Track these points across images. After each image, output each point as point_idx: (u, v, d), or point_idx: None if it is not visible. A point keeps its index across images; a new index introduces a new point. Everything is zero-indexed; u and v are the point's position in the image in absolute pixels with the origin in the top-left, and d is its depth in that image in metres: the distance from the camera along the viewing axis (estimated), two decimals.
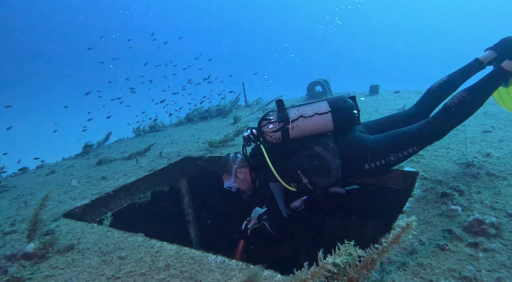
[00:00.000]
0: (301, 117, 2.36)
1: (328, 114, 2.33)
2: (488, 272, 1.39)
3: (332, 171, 2.35)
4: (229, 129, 5.70)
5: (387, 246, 1.19)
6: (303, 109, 2.41)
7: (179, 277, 1.69)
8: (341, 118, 2.34)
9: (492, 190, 2.14)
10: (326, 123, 2.34)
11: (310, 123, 2.35)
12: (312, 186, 2.40)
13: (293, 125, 2.35)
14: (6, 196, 3.96)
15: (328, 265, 1.09)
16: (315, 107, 2.39)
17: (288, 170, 2.41)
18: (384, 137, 2.37)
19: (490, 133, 3.39)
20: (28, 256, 2.08)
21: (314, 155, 2.38)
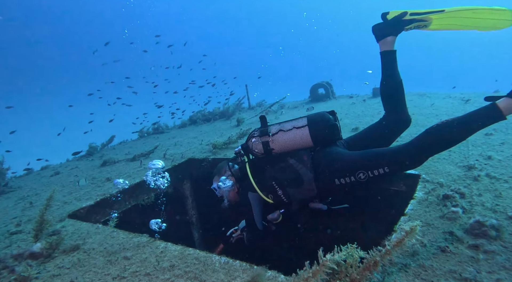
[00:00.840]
0: (280, 131, 2.45)
1: (305, 128, 2.38)
2: (488, 273, 1.41)
3: (305, 184, 2.37)
4: (233, 131, 5.74)
5: (390, 249, 1.21)
6: (283, 124, 2.50)
7: (183, 277, 1.71)
8: (318, 132, 2.37)
9: (493, 193, 2.16)
10: (304, 137, 2.39)
11: (289, 137, 2.41)
12: (286, 198, 2.45)
13: (273, 139, 2.43)
14: (12, 196, 4.01)
15: (328, 262, 1.12)
16: (294, 122, 2.47)
17: (265, 181, 2.49)
18: (359, 153, 2.36)
19: (492, 136, 3.40)
20: (35, 255, 2.12)
21: (287, 167, 2.43)
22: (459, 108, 5.08)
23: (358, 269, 1.21)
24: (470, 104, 5.25)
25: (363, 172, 2.20)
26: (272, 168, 2.49)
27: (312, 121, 2.39)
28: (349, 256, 1.20)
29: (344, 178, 2.27)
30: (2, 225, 2.90)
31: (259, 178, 2.51)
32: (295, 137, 2.39)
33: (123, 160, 4.93)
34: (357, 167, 2.23)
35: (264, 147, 2.46)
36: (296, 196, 2.43)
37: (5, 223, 2.96)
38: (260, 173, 2.53)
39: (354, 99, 7.78)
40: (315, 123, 2.38)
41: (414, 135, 3.76)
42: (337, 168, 2.30)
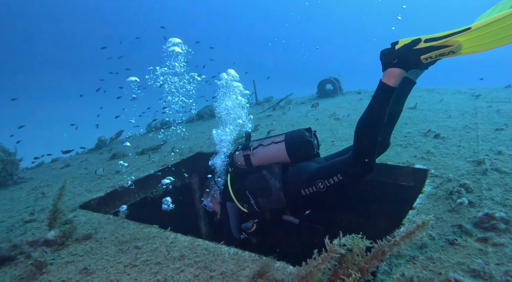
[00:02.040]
0: (260, 145, 2.62)
1: (282, 143, 2.51)
2: (497, 265, 1.42)
3: (273, 194, 2.48)
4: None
5: (398, 240, 1.23)
6: (264, 139, 2.67)
7: (193, 267, 1.75)
8: (294, 148, 2.48)
9: (503, 187, 2.15)
10: (280, 151, 2.51)
11: (267, 151, 2.56)
12: (258, 207, 2.58)
13: (254, 153, 2.61)
14: (24, 187, 4.11)
15: (335, 247, 1.14)
16: (274, 138, 2.62)
17: (241, 190, 2.64)
18: (320, 165, 2.45)
19: (502, 131, 3.37)
20: (49, 243, 2.18)
21: (259, 177, 2.57)
22: (468, 103, 5.02)
23: (366, 258, 1.23)
24: (480, 100, 5.19)
25: (321, 181, 2.29)
26: (247, 178, 2.65)
27: (288, 137, 2.53)
28: (355, 245, 1.23)
29: (308, 188, 2.37)
30: (17, 214, 2.98)
31: (236, 188, 2.67)
32: (273, 151, 2.54)
33: (132, 153, 4.99)
34: (316, 177, 2.33)
35: (245, 160, 2.64)
36: (267, 205, 2.55)
37: (19, 212, 3.03)
38: (238, 184, 2.69)
39: (362, 95, 7.73)
40: (291, 139, 2.51)
41: (424, 130, 3.78)
42: (302, 179, 2.41)
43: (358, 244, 1.22)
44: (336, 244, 1.19)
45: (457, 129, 3.70)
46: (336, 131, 4.43)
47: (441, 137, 3.45)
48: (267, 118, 6.56)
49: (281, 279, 1.53)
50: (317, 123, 5.16)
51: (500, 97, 5.26)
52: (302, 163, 2.53)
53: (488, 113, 4.26)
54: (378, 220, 3.32)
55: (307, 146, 2.48)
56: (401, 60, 1.78)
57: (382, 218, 3.30)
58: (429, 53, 1.68)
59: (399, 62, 1.79)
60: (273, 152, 2.54)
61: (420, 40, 1.69)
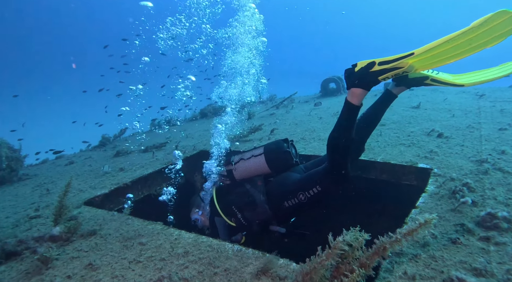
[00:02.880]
0: (241, 160, 2.73)
1: (261, 156, 2.63)
2: (499, 264, 1.43)
3: (258, 207, 2.57)
4: (243, 125, 5.78)
5: (400, 238, 1.24)
6: (244, 153, 2.77)
7: (197, 263, 1.77)
8: (273, 160, 2.60)
9: (506, 187, 2.15)
10: (261, 165, 2.62)
11: (248, 164, 2.67)
12: (245, 221, 2.66)
13: (235, 167, 2.72)
14: (29, 183, 4.14)
15: (339, 243, 1.15)
16: (253, 151, 2.73)
17: (226, 205, 2.73)
18: (300, 177, 2.53)
19: (506, 131, 3.36)
20: (54, 238, 2.21)
21: (243, 192, 2.67)
22: (472, 103, 5.01)
23: (367, 254, 1.24)
24: (484, 99, 5.17)
25: (302, 193, 2.39)
26: (232, 193, 2.76)
27: (267, 150, 2.64)
28: (354, 239, 1.24)
29: (290, 200, 2.46)
30: (22, 210, 3.01)
31: (223, 203, 2.76)
32: (254, 165, 2.65)
33: (136, 151, 5.02)
34: (298, 189, 2.41)
35: (228, 175, 2.77)
36: (254, 218, 2.63)
37: (24, 208, 3.07)
38: (224, 199, 2.79)
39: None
40: (270, 151, 2.62)
41: (427, 129, 3.77)
42: (284, 191, 2.50)
43: (357, 237, 1.24)
44: (339, 241, 1.20)
45: (460, 129, 3.69)
46: None
47: (445, 136, 3.45)
48: (271, 116, 6.56)
49: (284, 276, 1.55)
50: (320, 121, 5.16)
51: (504, 96, 5.24)
52: (283, 174, 2.64)
53: (491, 112, 4.25)
54: (380, 219, 3.33)
55: (286, 157, 2.60)
56: (361, 81, 1.91)
57: (385, 217, 3.31)
58: (384, 75, 1.83)
59: (359, 83, 1.92)
60: (255, 165, 2.66)
61: (375, 63, 1.83)
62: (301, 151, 3.60)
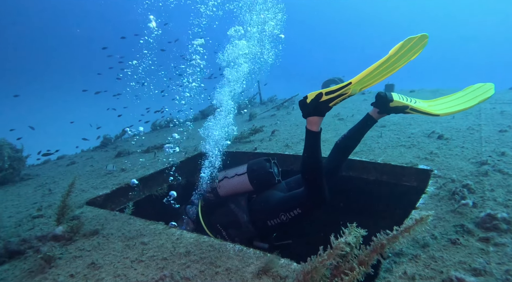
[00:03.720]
0: (225, 178, 2.82)
1: (244, 175, 2.73)
2: (498, 264, 1.44)
3: (242, 226, 2.66)
4: (245, 126, 5.80)
5: (397, 234, 1.27)
6: (228, 171, 2.87)
7: (199, 263, 1.79)
8: (256, 179, 2.69)
9: (505, 189, 2.17)
10: (244, 183, 2.72)
11: (232, 183, 2.77)
12: (229, 238, 2.73)
13: (220, 185, 2.82)
14: (31, 183, 4.17)
15: (341, 244, 1.17)
16: (237, 169, 2.82)
17: (211, 223, 2.81)
18: (281, 197, 2.62)
19: (506, 132, 3.37)
20: (57, 238, 2.23)
21: (228, 211, 2.77)
22: None
23: (366, 251, 1.26)
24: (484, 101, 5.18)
25: (283, 214, 2.48)
26: (216, 212, 2.86)
27: (250, 170, 2.74)
28: (356, 241, 1.26)
29: (273, 219, 2.54)
30: (24, 210, 3.03)
31: (208, 221, 2.85)
32: (237, 183, 2.75)
33: (137, 151, 5.04)
34: (280, 210, 2.50)
35: (214, 193, 2.88)
36: (238, 235, 2.71)
37: (27, 207, 3.09)
38: (209, 216, 2.88)
39: (366, 96, 7.74)
40: (252, 171, 2.72)
41: (427, 131, 3.79)
42: (267, 211, 2.58)
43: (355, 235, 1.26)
44: (341, 242, 1.22)
45: (461, 130, 3.71)
46: (340, 131, 4.44)
47: (445, 138, 3.47)
48: (271, 118, 6.58)
49: (285, 276, 1.56)
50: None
51: (504, 98, 5.26)
52: (266, 193, 2.72)
53: (492, 114, 4.26)
54: (380, 220, 3.34)
55: (268, 178, 2.70)
56: (315, 110, 2.12)
57: (385, 217, 3.33)
58: (333, 101, 2.06)
59: (314, 112, 2.13)
60: (238, 184, 2.76)
61: (322, 94, 2.06)
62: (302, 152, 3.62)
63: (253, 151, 4.07)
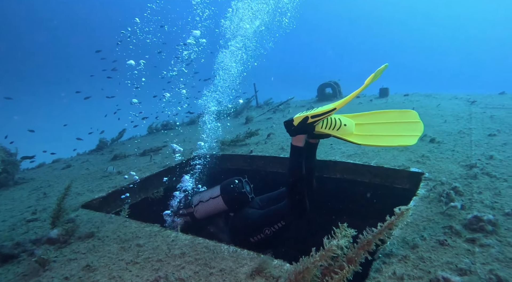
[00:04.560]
0: (200, 202, 2.94)
1: (219, 197, 2.87)
2: (482, 265, 1.49)
3: None
4: (241, 130, 5.83)
5: (381, 230, 1.34)
6: (202, 195, 2.98)
7: (194, 264, 1.81)
8: (230, 200, 2.84)
9: (492, 191, 2.23)
10: (220, 205, 2.86)
11: (208, 206, 2.90)
12: None
13: (196, 209, 2.93)
14: (25, 187, 4.16)
15: (333, 246, 1.21)
16: (211, 192, 2.94)
17: None
18: (262, 213, 2.76)
19: (495, 136, 3.45)
20: (52, 241, 2.24)
21: (208, 235, 2.89)
22: (464, 109, 5.11)
23: (354, 249, 1.31)
24: (475, 105, 5.28)
25: (267, 228, 2.62)
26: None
27: (224, 191, 2.88)
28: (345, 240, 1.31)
29: (256, 236, 2.66)
30: (19, 213, 3.03)
31: None
32: (213, 206, 2.89)
33: (133, 154, 5.06)
34: (262, 225, 2.64)
35: (190, 217, 2.98)
36: None
37: (21, 211, 3.09)
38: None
39: (361, 99, 7.82)
40: (227, 192, 2.86)
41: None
42: (249, 229, 2.71)
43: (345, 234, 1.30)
44: (333, 244, 1.26)
45: (452, 134, 3.78)
46: None
47: (437, 141, 3.53)
48: (268, 121, 6.63)
49: (278, 276, 1.59)
50: None
51: (494, 103, 5.36)
52: (243, 212, 2.84)
53: (482, 118, 4.35)
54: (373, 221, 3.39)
55: (243, 197, 2.86)
56: (303, 130, 2.32)
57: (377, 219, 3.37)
58: (318, 122, 2.27)
59: (302, 131, 2.34)
60: (214, 206, 2.89)
61: (308, 117, 2.26)
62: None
63: (249, 154, 4.11)
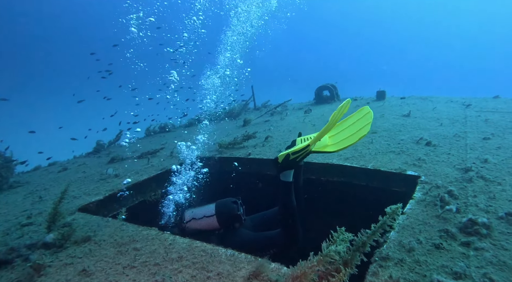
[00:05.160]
0: (193, 219, 2.97)
1: (213, 216, 2.90)
2: (477, 268, 1.51)
3: None
4: (238, 132, 5.84)
5: (375, 230, 1.37)
6: (196, 211, 3.00)
7: (191, 267, 1.81)
8: (224, 220, 2.89)
9: (487, 195, 2.25)
10: (213, 224, 2.90)
11: (200, 223, 2.93)
12: None
13: (188, 225, 2.95)
14: (20, 191, 4.13)
15: (331, 252, 1.22)
16: (204, 210, 2.97)
17: None
18: (255, 238, 2.87)
19: (489, 140, 3.48)
20: (48, 245, 2.23)
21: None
22: (460, 112, 5.16)
23: (349, 252, 1.33)
24: (470, 109, 5.32)
25: (260, 253, 2.63)
26: None
27: (218, 211, 2.92)
28: (343, 246, 1.32)
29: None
30: (13, 218, 3.01)
31: None
32: (206, 224, 2.93)
33: (130, 157, 5.05)
34: (254, 250, 2.68)
35: (180, 230, 3.01)
36: None
37: (16, 215, 3.07)
38: None
39: (358, 102, 7.86)
40: (221, 213, 2.91)
41: (416, 138, 3.88)
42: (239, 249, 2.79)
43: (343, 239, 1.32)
44: (332, 250, 1.27)
45: (447, 137, 3.81)
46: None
47: (433, 144, 3.56)
48: (265, 123, 6.65)
49: (275, 280, 1.60)
50: (313, 129, 5.26)
51: (488, 107, 5.41)
52: (236, 233, 2.91)
53: (477, 122, 4.39)
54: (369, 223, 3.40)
55: (237, 220, 2.91)
56: (288, 166, 2.57)
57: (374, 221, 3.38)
58: (299, 158, 2.53)
59: (287, 168, 2.58)
60: (207, 225, 2.93)
61: (289, 154, 2.52)
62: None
63: (247, 157, 4.12)
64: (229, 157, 4.29)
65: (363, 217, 3.52)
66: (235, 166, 4.13)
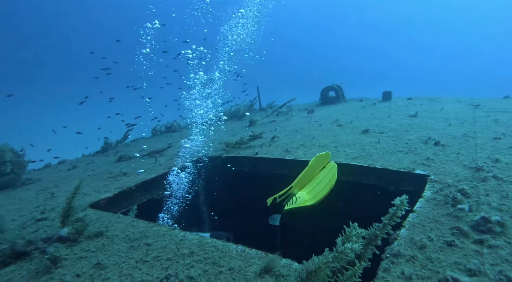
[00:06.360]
0: None
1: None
2: (491, 265, 1.51)
3: None
4: (244, 132, 5.86)
5: (386, 223, 1.37)
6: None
7: (203, 262, 1.84)
8: None
9: (499, 194, 2.24)
10: None
11: None
12: None
13: None
14: (32, 188, 4.20)
15: (347, 249, 1.23)
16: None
17: None
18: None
19: (500, 140, 3.46)
20: (62, 239, 2.27)
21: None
22: (468, 112, 5.12)
23: (362, 245, 1.34)
24: (479, 109, 5.29)
25: None
26: None
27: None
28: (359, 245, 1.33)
29: None
30: (27, 213, 3.07)
31: None
32: None
33: (138, 156, 5.09)
34: None
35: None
36: None
37: (30, 211, 3.13)
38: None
39: (364, 103, 7.85)
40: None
41: (424, 137, 3.87)
42: None
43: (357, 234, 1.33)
44: (347, 247, 1.28)
45: (456, 137, 3.79)
46: (339, 137, 4.51)
47: (441, 144, 3.54)
48: (271, 123, 6.66)
49: (286, 275, 1.61)
50: (320, 129, 5.26)
51: (498, 107, 5.37)
52: None
53: (486, 122, 4.36)
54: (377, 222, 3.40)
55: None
56: (275, 210, 2.86)
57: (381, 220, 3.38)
58: (285, 201, 2.86)
59: (275, 211, 2.88)
60: None
61: (276, 198, 2.84)
62: (301, 157, 3.69)
63: (254, 156, 4.14)
64: (237, 156, 4.31)
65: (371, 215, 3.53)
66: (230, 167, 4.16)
